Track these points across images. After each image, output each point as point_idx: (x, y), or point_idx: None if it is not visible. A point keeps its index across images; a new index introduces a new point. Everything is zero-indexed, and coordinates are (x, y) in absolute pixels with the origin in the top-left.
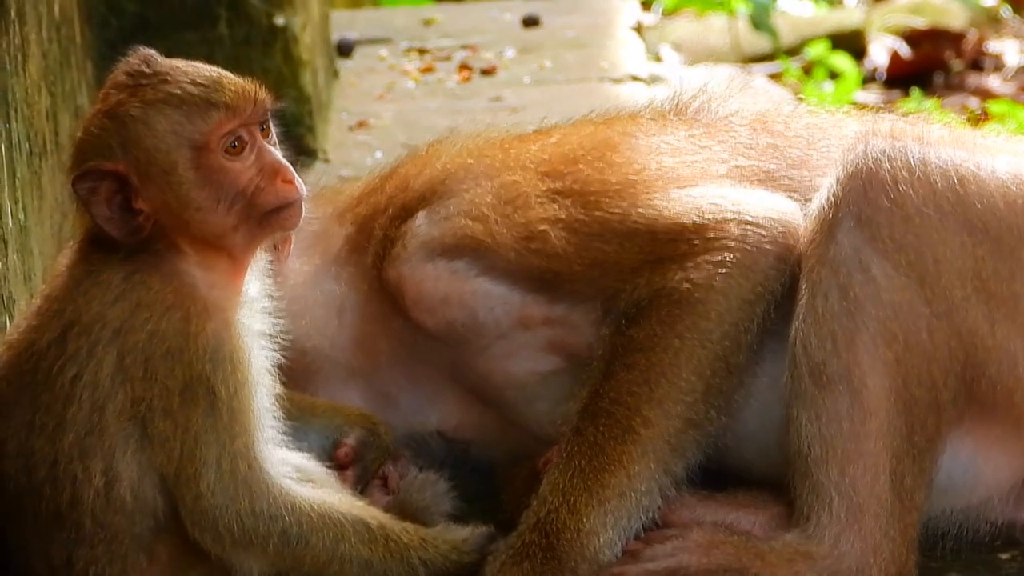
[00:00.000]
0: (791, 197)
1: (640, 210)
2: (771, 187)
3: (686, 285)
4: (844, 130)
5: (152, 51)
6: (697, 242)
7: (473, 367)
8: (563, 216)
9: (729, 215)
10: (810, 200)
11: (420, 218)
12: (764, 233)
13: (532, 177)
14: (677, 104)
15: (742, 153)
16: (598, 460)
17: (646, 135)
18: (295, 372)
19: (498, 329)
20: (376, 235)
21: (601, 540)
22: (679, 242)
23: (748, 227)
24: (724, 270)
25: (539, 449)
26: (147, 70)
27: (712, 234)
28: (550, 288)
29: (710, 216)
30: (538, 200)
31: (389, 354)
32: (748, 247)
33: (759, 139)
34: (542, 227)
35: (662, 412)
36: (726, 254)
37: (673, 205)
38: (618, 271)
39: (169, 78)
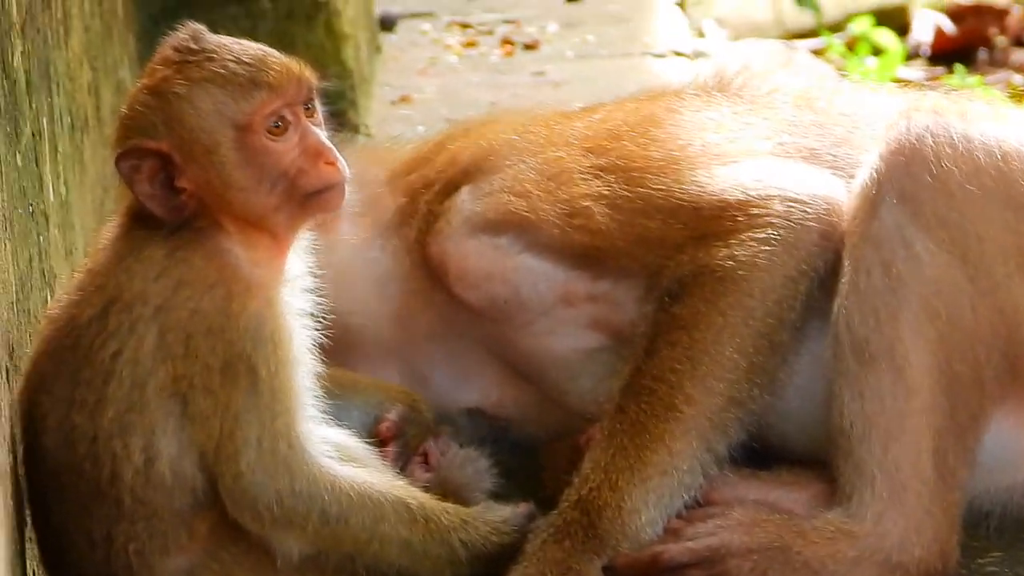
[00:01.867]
0: (835, 174)
1: (684, 186)
2: (815, 164)
3: (730, 262)
4: (888, 107)
5: (201, 26)
6: (741, 219)
7: (515, 343)
8: (606, 192)
9: (773, 192)
10: (854, 177)
11: (464, 194)
12: (808, 210)
13: (576, 153)
14: (720, 80)
15: (786, 130)
16: (640, 438)
17: (690, 111)
18: (336, 345)
19: (541, 306)
20: (421, 210)
21: (643, 518)
22: (723, 219)
23: (792, 204)
24: (768, 247)
25: (581, 426)
26: (194, 46)
27: (756, 211)
28: (594, 265)
29: (754, 193)
30: (582, 176)
31: (428, 329)
32: (792, 224)
33: (803, 116)
34: (586, 203)
35: (705, 390)
36: (770, 231)
37: (717, 182)
38: (662, 247)
39: (215, 56)
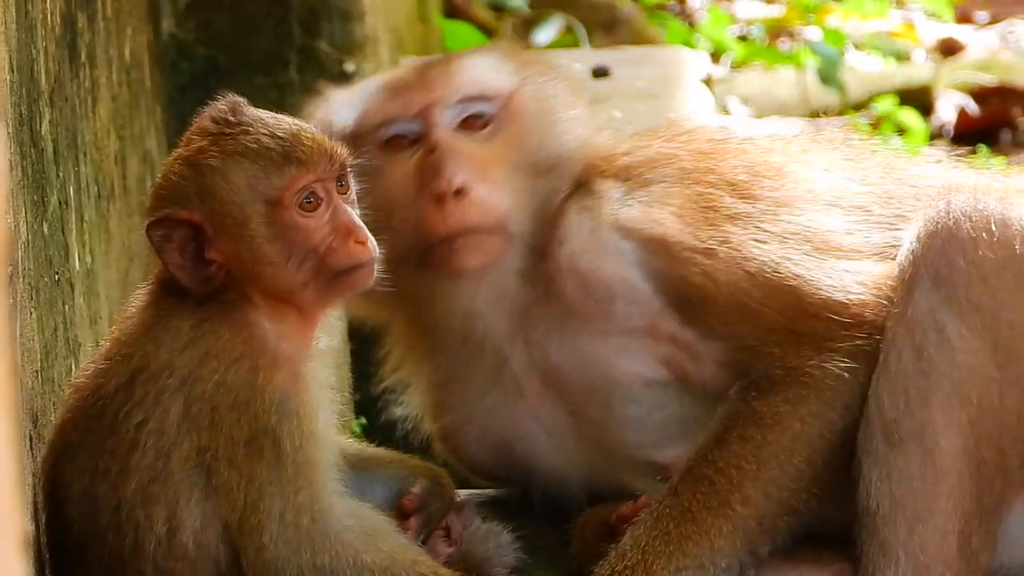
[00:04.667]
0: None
1: (794, 268)
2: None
3: (818, 371)
4: (949, 180)
5: (241, 99)
6: (835, 326)
7: (585, 345)
8: (733, 241)
9: (870, 299)
10: None
11: (615, 190)
12: (885, 315)
13: (725, 190)
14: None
15: (886, 224)
16: (686, 527)
17: (822, 178)
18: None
19: (626, 324)
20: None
21: None
22: (819, 319)
23: (879, 313)
24: (855, 364)
25: (610, 490)
26: (231, 119)
27: (850, 319)
28: (688, 309)
29: (854, 297)
30: (721, 217)
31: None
32: (876, 336)
33: (892, 186)
34: (713, 245)
35: (764, 494)
36: (859, 342)
37: (822, 275)
38: (755, 322)
39: (250, 129)
